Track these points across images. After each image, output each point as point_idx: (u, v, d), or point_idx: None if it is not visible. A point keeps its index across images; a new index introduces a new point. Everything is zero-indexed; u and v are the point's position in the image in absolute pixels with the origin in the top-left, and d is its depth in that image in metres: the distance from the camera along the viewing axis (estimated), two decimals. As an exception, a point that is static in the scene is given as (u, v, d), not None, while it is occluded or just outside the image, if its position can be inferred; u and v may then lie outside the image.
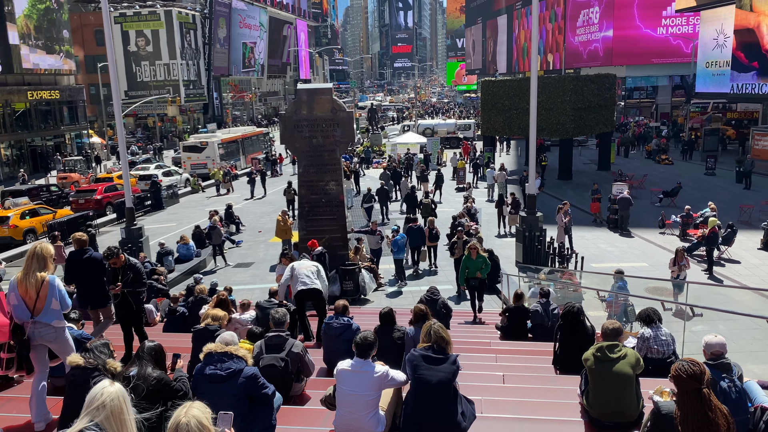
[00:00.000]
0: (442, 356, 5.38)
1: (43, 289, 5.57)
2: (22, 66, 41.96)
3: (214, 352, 5.15)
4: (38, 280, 5.56)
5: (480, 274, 12.64)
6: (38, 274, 5.60)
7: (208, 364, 5.12)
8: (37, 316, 5.58)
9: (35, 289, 5.57)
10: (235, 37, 75.77)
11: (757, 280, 16.28)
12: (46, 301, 5.58)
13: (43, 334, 5.66)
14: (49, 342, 5.76)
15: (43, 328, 5.63)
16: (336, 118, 15.23)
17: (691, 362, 4.08)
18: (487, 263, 12.93)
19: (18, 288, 5.58)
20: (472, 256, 12.64)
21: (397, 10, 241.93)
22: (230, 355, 5.12)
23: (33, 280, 5.57)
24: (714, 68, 38.59)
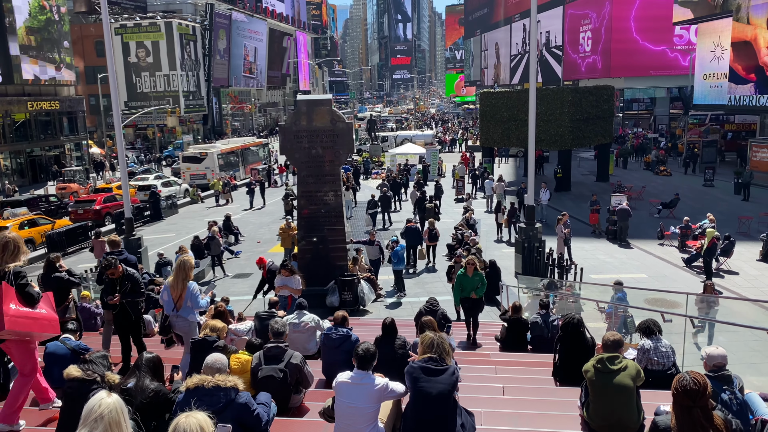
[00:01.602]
0: (442, 367, 5.35)
1: (184, 292, 7.47)
2: (22, 77, 42.11)
3: (201, 386, 4.85)
4: (183, 285, 7.45)
5: (475, 294, 11.34)
6: (183, 281, 7.48)
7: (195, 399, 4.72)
8: (177, 311, 7.52)
9: (178, 292, 7.46)
10: (235, 49, 76.12)
11: (757, 291, 16.26)
12: (183, 301, 7.49)
13: (180, 324, 7.62)
14: (183, 332, 7.57)
15: (181, 320, 7.58)
16: (335, 129, 15.26)
17: (694, 378, 3.98)
18: (484, 282, 11.57)
19: (171, 289, 7.54)
20: (468, 273, 11.44)
21: (396, 22, 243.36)
22: (219, 388, 4.85)
23: (179, 285, 7.45)
24: (712, 80, 38.78)
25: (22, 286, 5.63)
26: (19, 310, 5.53)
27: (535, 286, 15.29)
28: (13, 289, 5.54)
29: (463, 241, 18.51)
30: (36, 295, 5.74)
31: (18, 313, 5.48)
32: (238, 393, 4.92)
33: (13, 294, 5.53)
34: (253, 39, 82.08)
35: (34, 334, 5.76)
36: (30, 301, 5.67)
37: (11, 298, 5.50)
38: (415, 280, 18.15)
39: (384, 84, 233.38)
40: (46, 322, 5.75)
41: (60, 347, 7.14)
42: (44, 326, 5.76)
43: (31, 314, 5.63)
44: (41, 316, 5.71)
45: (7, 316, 5.37)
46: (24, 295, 5.63)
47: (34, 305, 5.70)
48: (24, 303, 5.60)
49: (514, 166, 44.56)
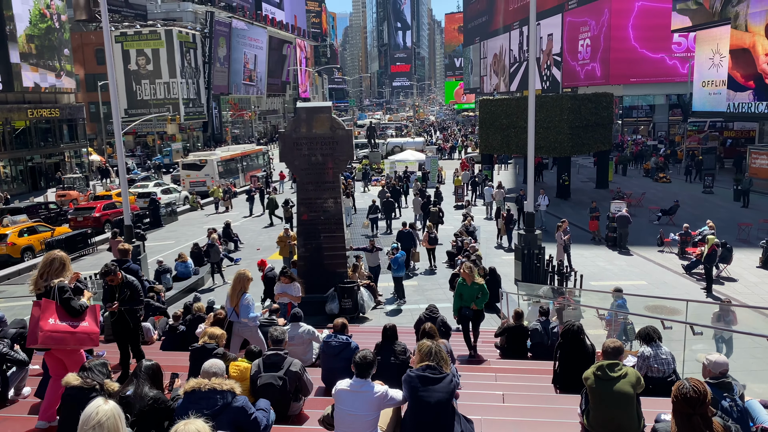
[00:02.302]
0: (439, 376, 5.34)
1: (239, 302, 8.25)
2: (22, 84, 42.22)
3: (198, 389, 4.89)
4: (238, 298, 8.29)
5: (475, 305, 10.45)
6: (239, 293, 8.26)
7: (193, 403, 4.80)
8: (239, 315, 8.27)
9: (235, 302, 8.26)
10: (235, 56, 76.35)
11: (757, 298, 16.24)
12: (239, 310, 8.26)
13: (241, 329, 8.36)
14: (246, 336, 8.31)
15: (242, 326, 8.33)
16: (335, 136, 15.28)
17: (694, 387, 3.97)
18: (485, 292, 10.53)
19: (230, 298, 8.38)
20: (467, 282, 10.45)
21: (395, 29, 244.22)
22: (215, 391, 4.88)
23: (235, 296, 8.28)
24: (710, 87, 38.88)
25: (67, 300, 6.00)
26: (57, 324, 5.85)
27: (536, 293, 15.28)
28: (54, 303, 5.91)
29: (463, 248, 18.51)
30: (79, 308, 6.08)
31: (55, 328, 5.82)
32: (235, 396, 4.94)
33: (53, 308, 5.89)
34: (253, 47, 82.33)
35: (70, 347, 6.00)
36: (74, 313, 6.02)
37: (51, 313, 5.85)
38: (414, 287, 18.13)
39: (383, 91, 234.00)
40: (84, 336, 6.05)
41: (59, 355, 7.10)
42: (82, 339, 6.05)
43: (69, 328, 5.94)
44: (81, 330, 6.04)
45: (42, 332, 5.73)
46: (68, 309, 6.00)
47: (78, 318, 6.04)
48: (68, 316, 5.95)
49: (513, 173, 44.61)
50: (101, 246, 26.15)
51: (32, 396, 7.25)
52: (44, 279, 6.12)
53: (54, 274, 6.12)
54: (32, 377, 7.67)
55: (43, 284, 6.11)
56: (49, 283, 6.07)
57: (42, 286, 6.10)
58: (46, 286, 6.06)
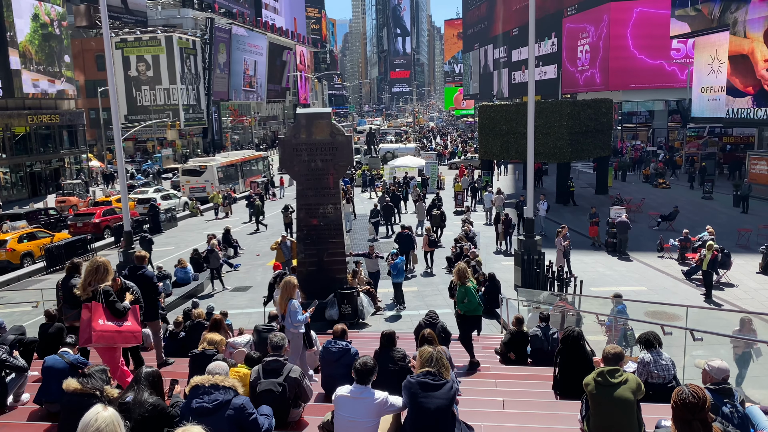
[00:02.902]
0: (439, 382, 5.33)
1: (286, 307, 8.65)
2: (22, 90, 42.30)
3: (200, 385, 5.00)
4: (286, 303, 8.68)
5: (459, 310, 9.65)
6: (286, 300, 8.68)
7: (195, 397, 4.95)
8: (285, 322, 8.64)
9: (283, 308, 8.72)
10: (235, 62, 76.52)
11: (757, 304, 16.22)
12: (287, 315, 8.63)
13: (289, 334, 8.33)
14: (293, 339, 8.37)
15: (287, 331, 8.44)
16: (335, 142, 15.30)
17: (693, 392, 3.97)
18: (471, 299, 9.56)
19: (278, 306, 8.92)
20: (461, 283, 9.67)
21: (395, 36, 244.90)
22: (217, 386, 4.96)
23: (283, 302, 8.71)
24: (709, 93, 38.97)
25: (112, 303, 6.74)
26: (106, 324, 6.64)
27: (536, 299, 15.27)
28: (101, 306, 6.66)
29: (463, 253, 18.51)
30: (123, 310, 6.83)
31: (104, 328, 6.61)
32: (237, 394, 4.99)
33: (101, 311, 6.66)
34: (253, 53, 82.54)
35: (117, 344, 6.83)
36: (118, 315, 6.75)
37: (100, 314, 6.64)
38: (414, 293, 18.12)
39: (383, 97, 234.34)
40: (129, 334, 6.87)
41: (58, 361, 7.08)
42: (127, 338, 6.87)
43: (115, 328, 6.73)
44: (125, 329, 6.81)
45: (95, 332, 6.52)
46: (113, 310, 6.74)
47: (122, 318, 6.77)
48: (113, 317, 6.69)
49: (513, 179, 44.65)
50: (101, 252, 26.13)
51: (31, 402, 7.23)
52: (91, 285, 6.81)
53: (99, 279, 6.81)
54: (31, 384, 7.64)
55: (90, 289, 6.81)
56: (95, 287, 6.75)
57: (89, 291, 6.80)
58: (93, 290, 6.76)
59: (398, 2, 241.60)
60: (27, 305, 16.14)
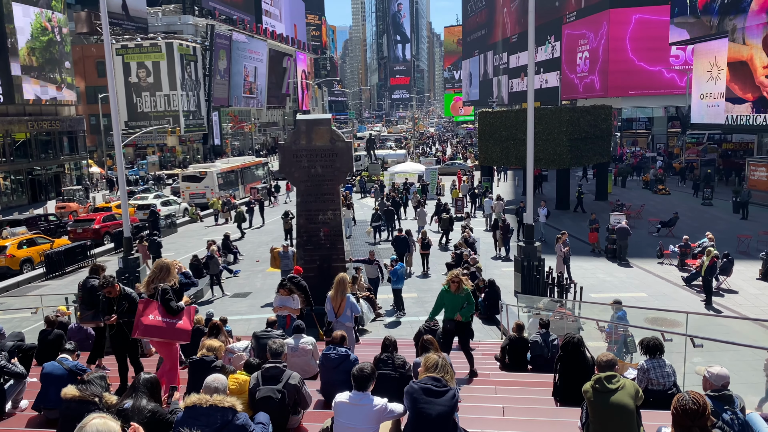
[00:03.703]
0: (442, 389, 5.31)
1: (343, 302, 9.49)
2: (23, 96, 42.38)
3: (198, 405, 4.82)
4: (342, 297, 9.44)
5: (460, 316, 9.24)
6: (341, 293, 9.46)
7: (192, 418, 4.76)
8: (338, 318, 9.41)
9: (338, 302, 9.38)
10: (235, 69, 76.69)
11: (757, 310, 16.21)
12: (344, 309, 9.53)
13: (341, 328, 9.04)
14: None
15: (340, 326, 9.29)
16: (335, 148, 15.32)
17: (694, 399, 3.96)
18: (471, 302, 9.34)
19: (332, 302, 9.58)
20: (452, 290, 9.27)
21: (395, 42, 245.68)
22: (216, 408, 4.81)
23: (339, 297, 9.41)
24: (708, 100, 39.06)
25: (167, 301, 7.22)
26: (155, 320, 7.12)
27: (536, 305, 15.23)
28: (156, 303, 7.21)
29: (462, 259, 18.49)
30: (177, 308, 7.28)
31: (152, 323, 7.09)
32: (236, 414, 4.87)
33: (154, 307, 7.19)
34: (253, 59, 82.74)
35: (166, 339, 7.25)
36: (172, 312, 7.23)
37: (152, 311, 7.15)
38: (414, 299, 18.09)
39: (383, 103, 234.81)
40: (178, 331, 7.27)
41: (57, 367, 7.07)
42: (175, 334, 7.26)
43: (164, 324, 7.18)
44: (177, 326, 7.27)
45: (141, 326, 7.07)
46: (168, 308, 7.22)
47: (176, 316, 7.26)
48: (168, 314, 7.19)
49: (512, 185, 44.67)
50: (100, 258, 26.12)
51: (29, 409, 7.21)
52: (153, 283, 7.39)
53: (160, 279, 7.38)
54: (30, 390, 7.63)
55: (152, 287, 7.37)
56: (156, 285, 7.33)
57: (151, 289, 7.37)
58: (155, 288, 7.32)
59: (398, 9, 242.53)
60: (26, 311, 16.12)
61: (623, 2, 50.19)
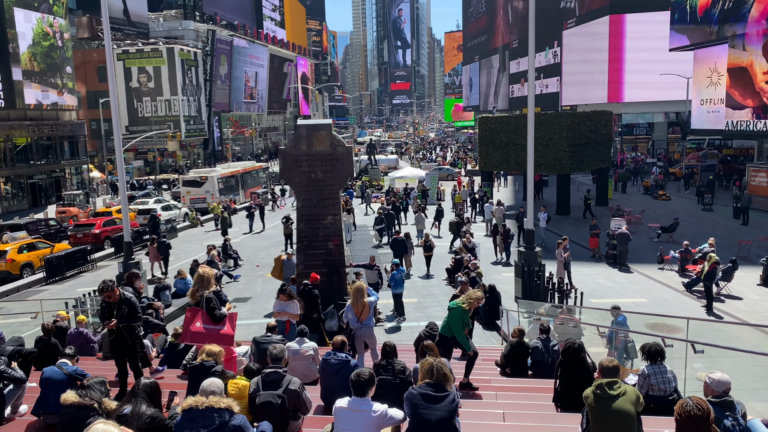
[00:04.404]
0: (441, 394, 5.30)
1: (365, 308, 9.70)
2: (24, 101, 42.47)
3: (194, 407, 4.85)
4: (364, 303, 9.70)
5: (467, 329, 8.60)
6: (361, 299, 9.67)
7: (189, 421, 4.81)
8: (362, 321, 9.63)
9: (361, 307, 9.64)
10: (236, 74, 76.86)
11: (758, 316, 16.18)
12: (367, 314, 9.72)
13: (365, 333, 9.70)
14: (368, 337, 9.70)
15: (365, 329, 9.69)
16: (335, 154, 15.33)
17: (698, 405, 3.95)
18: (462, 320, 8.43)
19: (353, 308, 9.75)
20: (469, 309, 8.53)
21: (395, 48, 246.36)
22: (212, 409, 4.83)
23: (360, 303, 9.68)
24: (709, 105, 39.11)
25: (211, 309, 7.82)
26: (201, 327, 7.73)
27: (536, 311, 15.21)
28: (201, 311, 7.80)
29: (462, 264, 18.48)
30: (220, 316, 7.90)
31: (198, 330, 7.70)
32: (233, 415, 4.88)
33: (200, 315, 7.77)
34: (254, 64, 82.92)
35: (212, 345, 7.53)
36: (216, 319, 7.80)
37: (199, 318, 7.77)
38: (414, 305, 18.07)
39: (383, 109, 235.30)
40: (222, 337, 7.79)
41: (57, 372, 7.06)
42: (219, 339, 7.69)
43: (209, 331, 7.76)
44: (221, 332, 7.83)
45: (188, 332, 7.74)
46: (212, 316, 7.78)
47: (219, 323, 7.83)
48: (212, 321, 7.76)
49: (513, 190, 44.69)
50: (101, 263, 26.12)
51: (29, 414, 7.19)
52: (198, 291, 7.93)
53: (204, 287, 7.92)
54: (29, 395, 7.61)
55: (198, 295, 7.96)
56: (201, 294, 7.87)
57: (197, 297, 7.96)
58: (200, 296, 7.89)
59: (399, 15, 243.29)
60: (26, 316, 16.09)
61: (623, 8, 50.31)
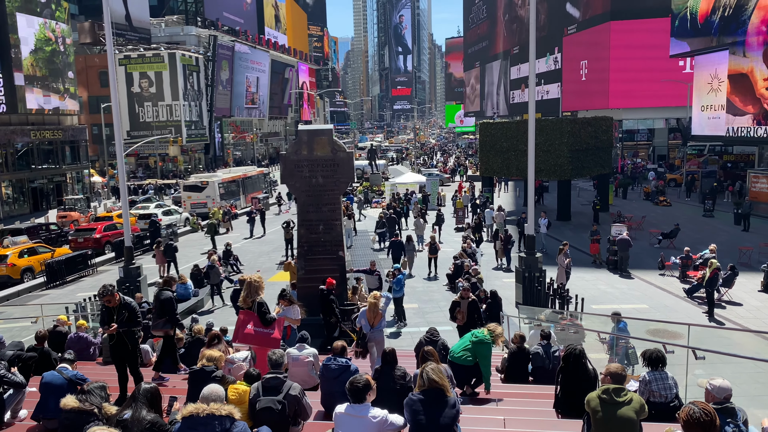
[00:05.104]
0: (442, 400, 5.29)
1: (378, 314, 10.08)
2: (26, 106, 42.54)
3: (195, 414, 4.78)
4: (377, 309, 10.07)
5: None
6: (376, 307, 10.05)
7: (191, 428, 4.73)
8: (374, 327, 9.99)
9: (374, 313, 10.00)
10: (238, 79, 77.02)
11: (759, 322, 16.15)
12: (380, 320, 10.09)
13: (378, 337, 10.10)
14: (378, 341, 10.05)
15: (378, 333, 10.10)
16: (336, 159, 15.34)
17: (703, 410, 3.95)
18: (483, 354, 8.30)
19: (367, 314, 10.08)
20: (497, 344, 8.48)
21: (396, 54, 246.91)
22: (213, 416, 4.76)
23: (373, 309, 10.01)
24: (709, 112, 39.14)
25: (263, 314, 8.48)
26: (253, 329, 8.43)
27: (537, 317, 15.19)
28: (254, 314, 8.51)
29: (463, 270, 18.46)
30: (270, 320, 8.55)
31: (249, 332, 8.42)
32: (234, 422, 4.83)
33: (249, 318, 8.50)
34: (256, 70, 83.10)
35: (261, 346, 8.37)
36: (266, 323, 8.49)
37: (250, 321, 8.49)
38: (415, 310, 18.05)
39: (384, 114, 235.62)
40: (270, 340, 8.46)
41: (56, 377, 7.04)
42: (267, 341, 8.41)
43: (258, 333, 8.45)
44: (269, 335, 8.50)
45: (241, 333, 8.46)
46: (263, 320, 8.48)
47: (269, 326, 8.50)
48: (262, 325, 8.47)
49: (513, 195, 44.69)
50: (101, 267, 26.12)
51: (29, 419, 7.18)
52: (249, 296, 8.60)
53: (254, 293, 8.59)
54: (29, 400, 7.60)
55: (249, 300, 8.59)
56: (253, 299, 8.52)
57: (249, 302, 8.59)
58: (252, 301, 8.53)
59: (400, 21, 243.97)
60: (26, 320, 16.09)
61: (624, 15, 50.42)
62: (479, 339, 8.30)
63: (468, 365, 8.23)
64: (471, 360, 8.24)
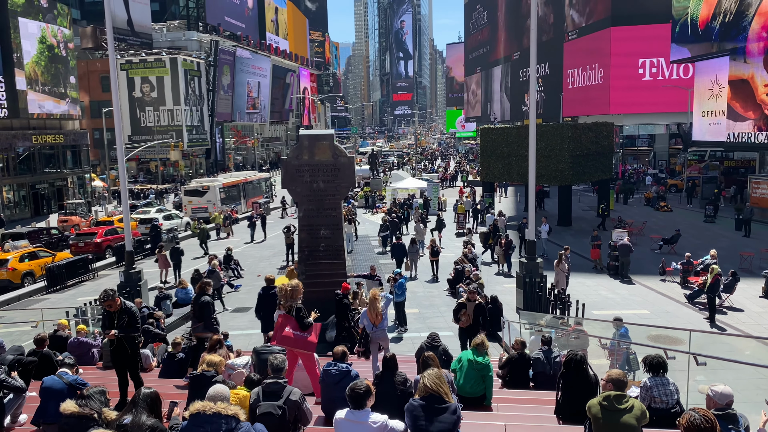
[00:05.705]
0: (442, 406, 5.27)
1: (379, 315, 10.37)
2: (28, 111, 42.62)
3: (201, 412, 4.81)
4: (377, 305, 10.40)
5: None
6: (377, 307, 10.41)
7: (196, 425, 4.76)
8: (377, 326, 10.33)
9: (376, 313, 10.34)
10: (239, 84, 77.17)
11: (760, 328, 16.12)
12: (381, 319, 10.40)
13: (380, 336, 10.42)
14: (382, 339, 10.38)
15: (380, 332, 10.42)
16: (337, 164, 15.36)
17: (704, 417, 3.94)
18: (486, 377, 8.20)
19: (368, 314, 10.46)
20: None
21: (397, 59, 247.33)
22: (219, 415, 4.78)
23: (374, 309, 10.35)
24: (710, 117, 39.15)
25: (300, 318, 8.63)
26: (291, 332, 8.51)
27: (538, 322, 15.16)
28: (292, 318, 8.65)
29: (463, 275, 18.44)
30: (308, 324, 8.65)
31: (288, 334, 8.49)
32: (239, 423, 4.85)
33: (288, 322, 8.65)
34: (257, 75, 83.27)
35: (297, 349, 8.47)
36: (303, 327, 8.59)
37: (287, 324, 8.63)
38: (416, 315, 18.03)
39: (385, 119, 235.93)
40: (307, 343, 8.53)
41: (56, 382, 7.04)
42: (302, 344, 8.51)
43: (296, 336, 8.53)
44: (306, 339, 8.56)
45: (279, 335, 8.55)
46: (300, 324, 8.60)
47: (306, 330, 8.59)
48: (299, 328, 8.57)
49: (514, 200, 44.69)
50: (102, 272, 26.11)
51: (28, 423, 7.17)
52: (287, 301, 8.79)
53: (292, 297, 8.77)
54: (29, 404, 7.59)
55: (287, 305, 8.78)
56: (290, 303, 8.72)
57: (287, 306, 8.78)
58: (289, 305, 8.71)
59: (401, 26, 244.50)
60: (27, 325, 16.08)
61: (625, 21, 50.49)
62: (483, 364, 8.18)
63: (478, 395, 8.20)
64: (481, 390, 8.21)
